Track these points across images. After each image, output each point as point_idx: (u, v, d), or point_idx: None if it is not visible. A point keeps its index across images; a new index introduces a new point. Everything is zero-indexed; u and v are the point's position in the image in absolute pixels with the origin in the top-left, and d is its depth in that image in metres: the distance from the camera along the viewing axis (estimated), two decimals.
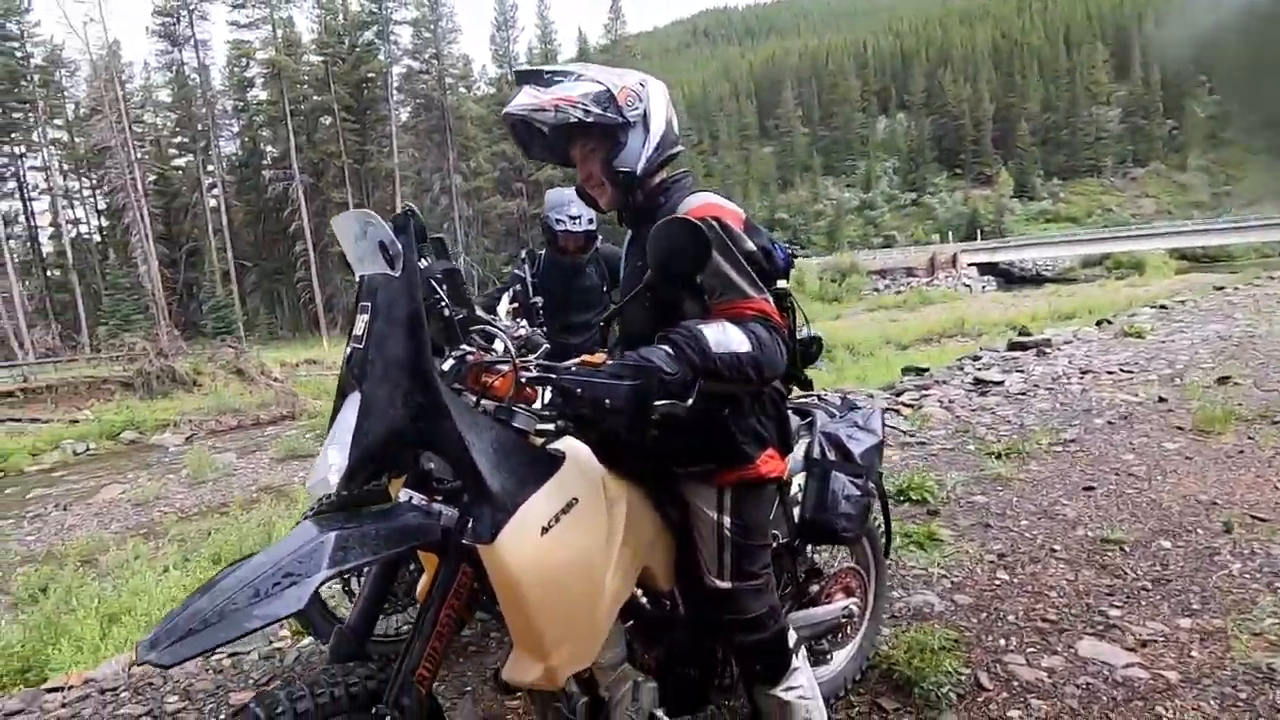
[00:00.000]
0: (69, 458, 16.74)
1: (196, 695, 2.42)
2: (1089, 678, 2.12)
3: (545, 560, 1.21)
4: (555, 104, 1.37)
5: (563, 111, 1.36)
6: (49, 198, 43.38)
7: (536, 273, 3.17)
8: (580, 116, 1.37)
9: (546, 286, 3.18)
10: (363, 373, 1.20)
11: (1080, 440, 4.76)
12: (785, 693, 1.56)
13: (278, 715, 1.08)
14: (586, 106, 1.37)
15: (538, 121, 1.38)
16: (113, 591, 5.92)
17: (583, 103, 1.37)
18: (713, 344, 1.25)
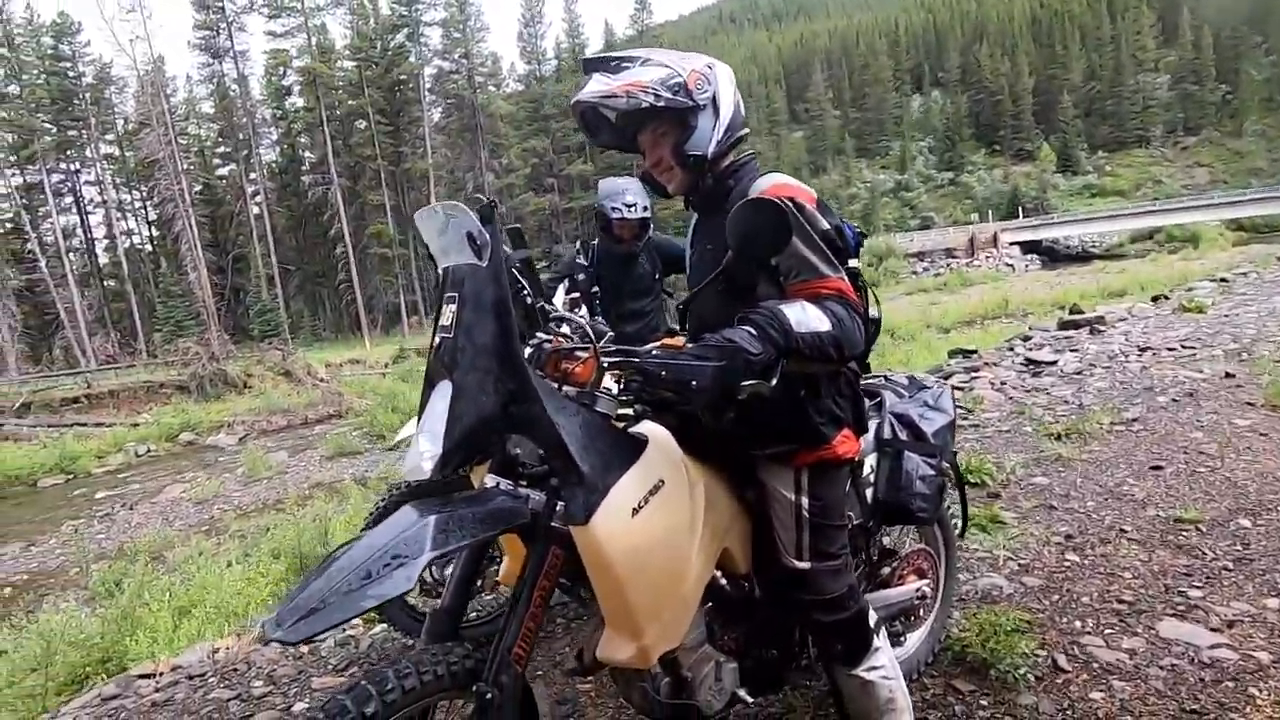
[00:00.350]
0: (132, 459, 17.47)
1: (280, 680, 2.52)
2: (1173, 659, 2.07)
3: (637, 540, 1.23)
4: (626, 90, 1.37)
5: (634, 97, 1.37)
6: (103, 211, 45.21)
7: (592, 262, 3.21)
8: (651, 101, 1.37)
9: (600, 275, 3.21)
10: (453, 361, 1.23)
11: (1144, 419, 4.61)
12: (867, 673, 1.56)
13: (387, 691, 1.12)
14: (657, 91, 1.38)
15: (608, 108, 1.39)
16: (181, 586, 6.18)
17: (653, 87, 1.38)
18: (794, 323, 1.25)
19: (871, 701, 1.57)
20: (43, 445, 17.76)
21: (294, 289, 46.89)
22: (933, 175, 71.00)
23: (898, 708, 1.59)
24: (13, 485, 15.67)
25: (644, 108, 1.37)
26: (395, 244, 41.32)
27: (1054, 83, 71.59)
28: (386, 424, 15.21)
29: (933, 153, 73.82)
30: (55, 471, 16.21)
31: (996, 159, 70.79)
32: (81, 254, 44.31)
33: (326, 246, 45.37)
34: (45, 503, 14.31)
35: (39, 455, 16.75)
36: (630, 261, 3.27)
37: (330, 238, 43.51)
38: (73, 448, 17.23)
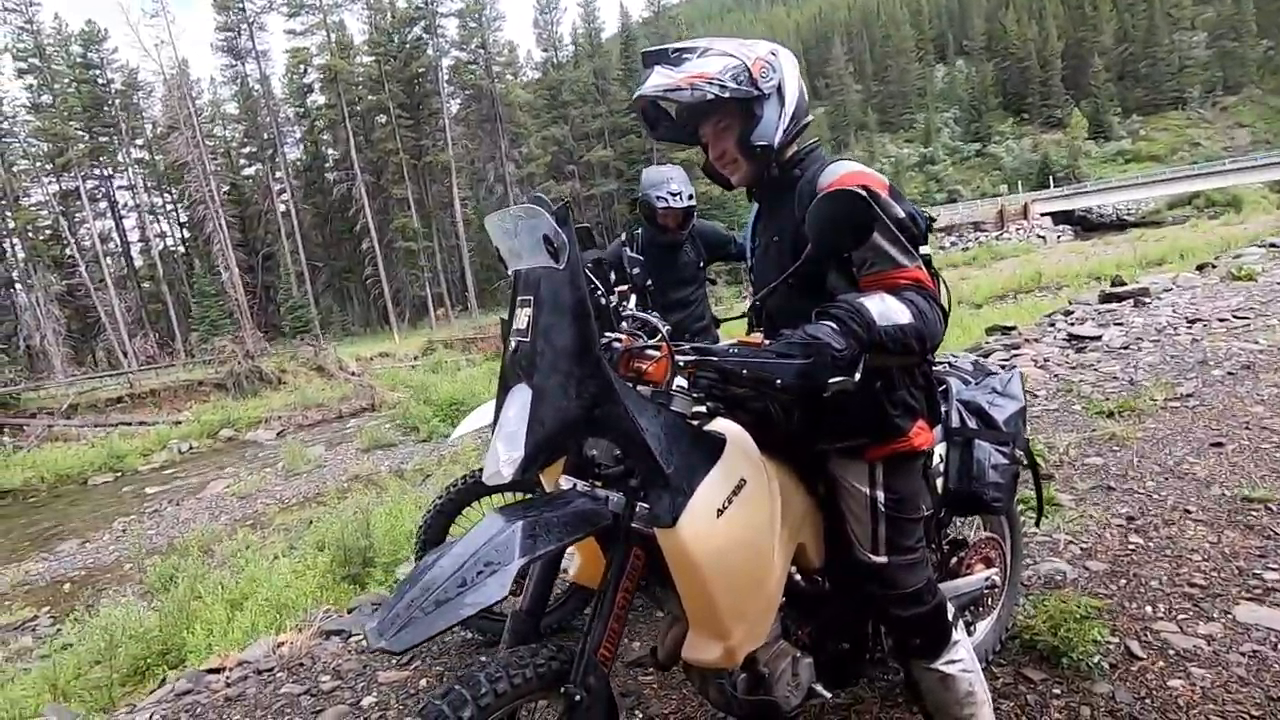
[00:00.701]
0: (175, 456, 17.98)
1: (346, 674, 2.57)
2: (1254, 644, 2.01)
3: (722, 542, 1.23)
4: (690, 82, 1.34)
5: (698, 89, 1.34)
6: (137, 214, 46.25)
7: (640, 251, 3.19)
8: (717, 92, 1.34)
9: (645, 263, 3.19)
10: (531, 365, 1.22)
11: (1199, 394, 4.48)
12: (947, 666, 1.54)
13: (481, 695, 1.13)
14: (722, 82, 1.35)
15: (673, 101, 1.36)
16: (231, 579, 6.36)
17: (718, 78, 1.35)
18: (877, 316, 1.22)
19: (951, 695, 1.55)
20: (91, 445, 18.37)
21: (322, 285, 47.58)
22: (959, 147, 69.35)
23: (977, 700, 1.57)
24: (65, 484, 16.24)
25: (709, 99, 1.34)
26: (420, 237, 41.62)
27: (1084, 46, 69.25)
28: (419, 416, 15.43)
29: (958, 124, 72.03)
30: (104, 470, 16.76)
31: (1025, 128, 68.86)
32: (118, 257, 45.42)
33: (352, 242, 45.92)
34: (96, 500, 14.81)
35: (88, 454, 17.32)
36: (674, 250, 3.25)
37: (356, 233, 44.03)
38: (119, 446, 17.79)
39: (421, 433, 14.77)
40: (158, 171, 45.90)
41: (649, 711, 2.12)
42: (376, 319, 45.47)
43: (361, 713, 2.31)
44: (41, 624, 7.76)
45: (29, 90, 39.51)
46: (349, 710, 2.33)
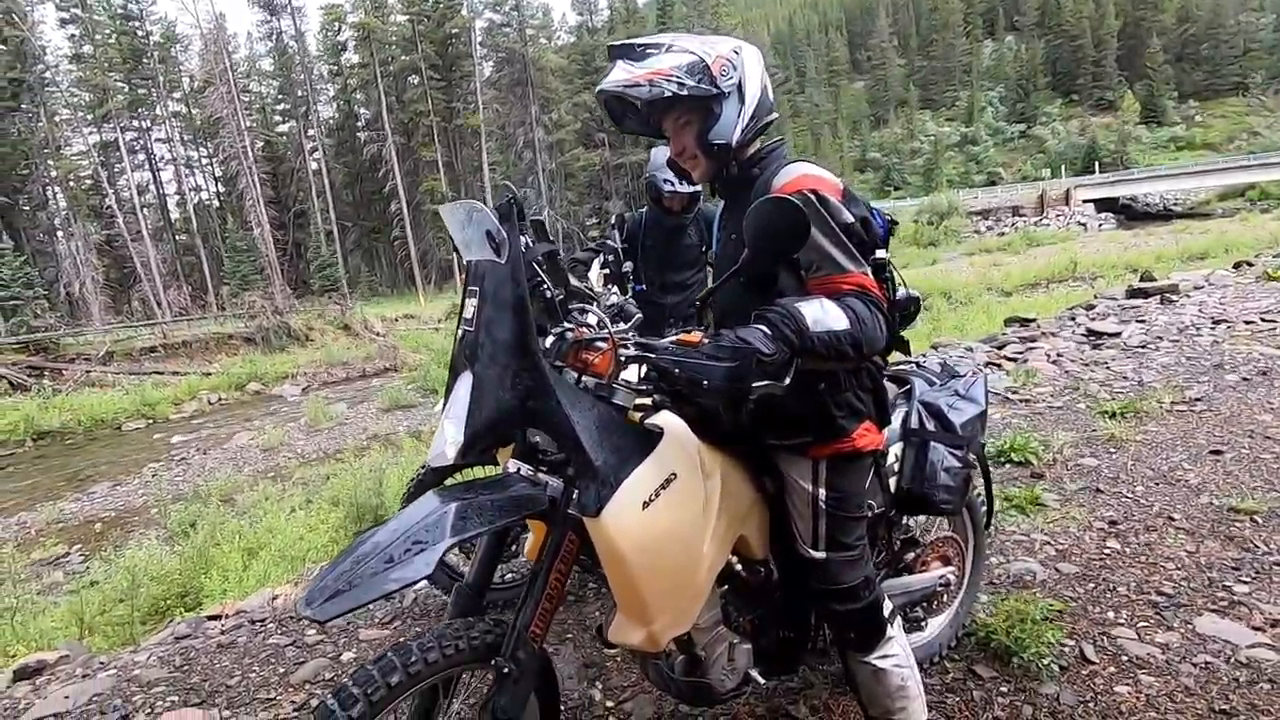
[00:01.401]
0: (204, 407, 18.53)
1: (331, 630, 2.70)
2: (1208, 656, 2.02)
3: (647, 533, 1.27)
4: (649, 79, 1.36)
5: (656, 86, 1.35)
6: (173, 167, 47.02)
7: (627, 237, 3.21)
8: (674, 90, 1.35)
9: (648, 244, 3.21)
10: (474, 354, 1.27)
11: (1208, 398, 4.40)
12: (880, 660, 1.58)
13: (411, 663, 1.20)
14: (680, 79, 1.36)
15: (631, 97, 1.38)
16: (250, 528, 6.61)
17: (676, 75, 1.36)
18: (810, 322, 1.24)
19: (882, 688, 1.60)
20: (125, 391, 18.99)
21: (351, 244, 48.12)
22: (1002, 128, 67.21)
23: (909, 695, 1.61)
24: (101, 428, 16.86)
25: (666, 96, 1.36)
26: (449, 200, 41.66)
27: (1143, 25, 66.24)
28: (439, 379, 15.68)
29: (1003, 103, 69.71)
30: (137, 416, 17.37)
31: (1073, 109, 66.44)
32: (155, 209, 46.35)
33: (381, 203, 46.23)
34: (129, 445, 15.37)
35: (122, 401, 17.93)
36: (678, 233, 3.25)
37: (385, 194, 44.29)
38: (151, 395, 18.38)
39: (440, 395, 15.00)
40: (194, 125, 46.51)
41: (610, 683, 2.21)
42: (403, 280, 45.95)
43: (340, 667, 2.43)
44: (72, 560, 8.16)
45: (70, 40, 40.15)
46: (329, 664, 2.46)
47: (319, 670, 2.41)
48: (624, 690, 2.16)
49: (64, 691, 2.45)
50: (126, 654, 2.83)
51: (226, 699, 2.30)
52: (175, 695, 2.34)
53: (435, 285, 42.79)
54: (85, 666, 2.77)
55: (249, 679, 2.41)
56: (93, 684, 2.46)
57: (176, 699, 2.32)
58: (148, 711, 2.26)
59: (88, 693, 2.40)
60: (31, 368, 20.26)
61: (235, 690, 2.34)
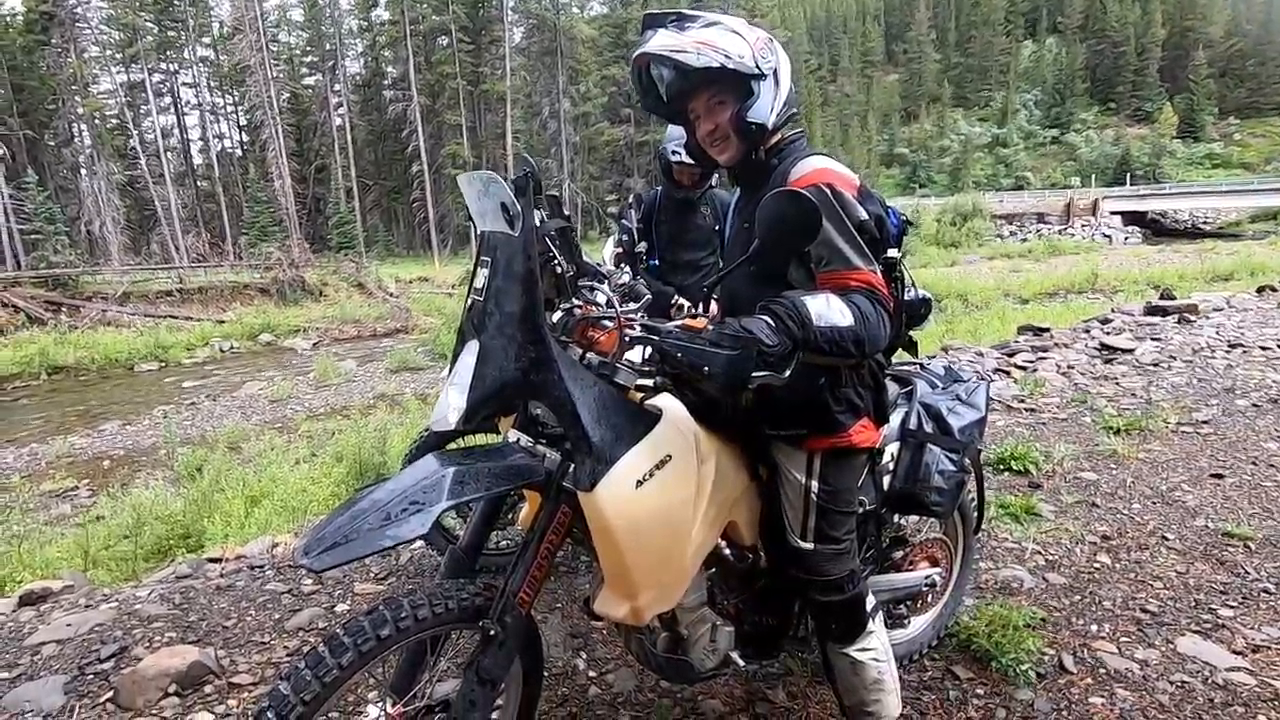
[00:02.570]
0: (216, 354, 18.73)
1: (327, 581, 2.76)
2: (1186, 676, 2.04)
3: (637, 511, 1.30)
4: (698, 46, 1.35)
5: (704, 55, 1.34)
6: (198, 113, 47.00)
7: (643, 216, 3.20)
8: (722, 61, 1.35)
9: (660, 220, 3.20)
10: (481, 324, 1.29)
11: (1215, 422, 4.37)
12: (859, 653, 1.61)
13: (401, 619, 1.24)
14: (727, 52, 1.36)
15: (677, 63, 1.36)
16: (254, 476, 6.72)
17: (724, 48, 1.36)
18: (814, 317, 1.25)
19: (859, 680, 1.63)
20: (140, 333, 19.22)
21: (370, 203, 48.10)
22: (1035, 132, 65.99)
23: (885, 688, 1.64)
24: (114, 367, 17.09)
25: (714, 67, 1.35)
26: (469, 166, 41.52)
27: (1188, 37, 64.54)
28: (448, 344, 15.72)
29: (1038, 107, 68.36)
30: (150, 359, 17.58)
31: (1109, 118, 65.12)
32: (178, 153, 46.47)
33: (403, 163, 46.11)
34: (140, 386, 15.58)
35: (136, 342, 18.15)
36: (689, 209, 3.24)
37: (407, 155, 44.15)
38: (165, 338, 18.61)
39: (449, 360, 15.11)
40: (221, 72, 46.38)
41: (594, 654, 2.26)
42: (419, 243, 45.96)
43: (334, 617, 2.50)
44: (80, 495, 8.34)
45: None
46: (323, 613, 2.52)
47: (313, 619, 2.47)
48: (608, 662, 2.21)
49: (66, 620, 2.52)
50: (128, 589, 2.91)
51: (222, 639, 2.36)
52: (173, 632, 2.41)
53: (451, 250, 42.78)
54: (88, 597, 2.85)
55: (245, 622, 2.47)
56: (95, 614, 2.54)
57: (174, 635, 2.39)
58: (146, 645, 2.33)
59: (89, 622, 2.47)
60: (49, 303, 20.50)
61: (231, 631, 2.41)
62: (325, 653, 1.17)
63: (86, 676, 2.16)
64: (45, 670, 2.21)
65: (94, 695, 2.07)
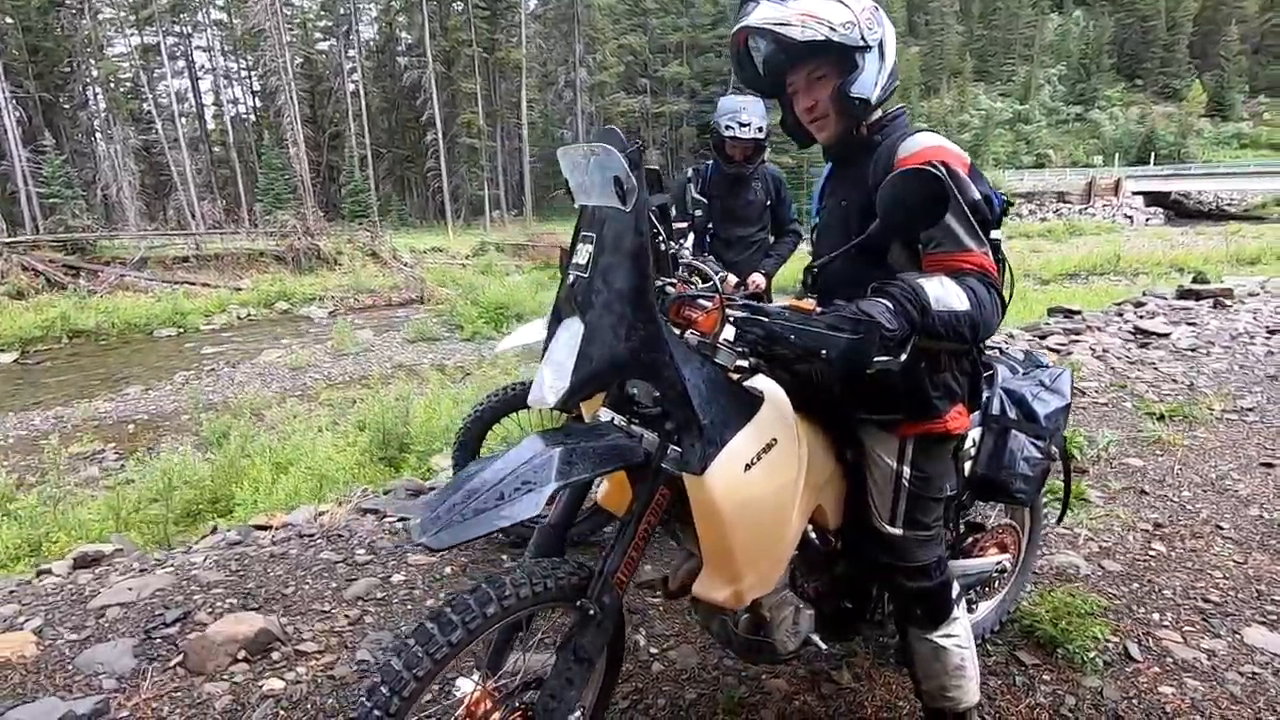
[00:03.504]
0: (233, 321, 18.84)
1: (380, 551, 2.78)
2: (1255, 667, 2.03)
3: (745, 495, 1.28)
4: (802, 18, 1.29)
5: (810, 28, 1.29)
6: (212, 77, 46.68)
7: (702, 189, 3.15)
8: (827, 34, 1.29)
9: (712, 195, 3.15)
10: (586, 301, 1.26)
11: (1261, 410, 4.31)
12: (943, 639, 1.60)
13: (505, 597, 1.23)
14: (832, 23, 1.30)
15: (782, 36, 1.31)
16: (279, 444, 6.79)
17: (828, 19, 1.30)
18: (933, 300, 1.21)
19: (942, 665, 1.62)
20: (157, 299, 19.32)
21: (384, 172, 47.84)
22: (1058, 108, 64.55)
23: (966, 675, 1.63)
24: (133, 332, 17.22)
25: (819, 40, 1.30)
26: (484, 135, 41.18)
27: (1221, 11, 62.63)
28: (465, 315, 15.77)
29: (1062, 83, 66.77)
30: (168, 324, 17.70)
31: (1135, 95, 63.54)
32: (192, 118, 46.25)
33: (417, 132, 45.70)
34: (160, 351, 15.72)
35: (155, 308, 18.26)
36: (741, 184, 3.19)
37: (421, 123, 43.73)
38: (183, 304, 18.70)
39: (465, 332, 15.14)
40: (234, 36, 45.90)
41: (653, 630, 2.27)
42: (433, 213, 45.78)
43: (390, 588, 2.52)
44: (108, 458, 8.46)
45: None
46: (379, 583, 2.54)
47: (370, 589, 2.49)
48: (667, 639, 2.22)
49: (126, 584, 2.55)
50: (180, 554, 2.94)
51: (283, 607, 2.39)
52: (233, 598, 2.44)
53: (464, 221, 42.60)
54: (141, 561, 2.89)
55: (303, 590, 2.50)
56: (153, 579, 2.57)
57: (234, 602, 2.41)
58: (209, 610, 2.35)
59: (150, 587, 2.50)
60: (68, 267, 20.61)
61: (291, 600, 2.43)
62: (435, 630, 1.17)
63: (154, 640, 2.19)
64: (113, 633, 2.24)
65: (164, 659, 2.10)
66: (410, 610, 2.37)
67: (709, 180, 3.23)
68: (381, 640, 2.19)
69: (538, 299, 16.80)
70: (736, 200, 3.20)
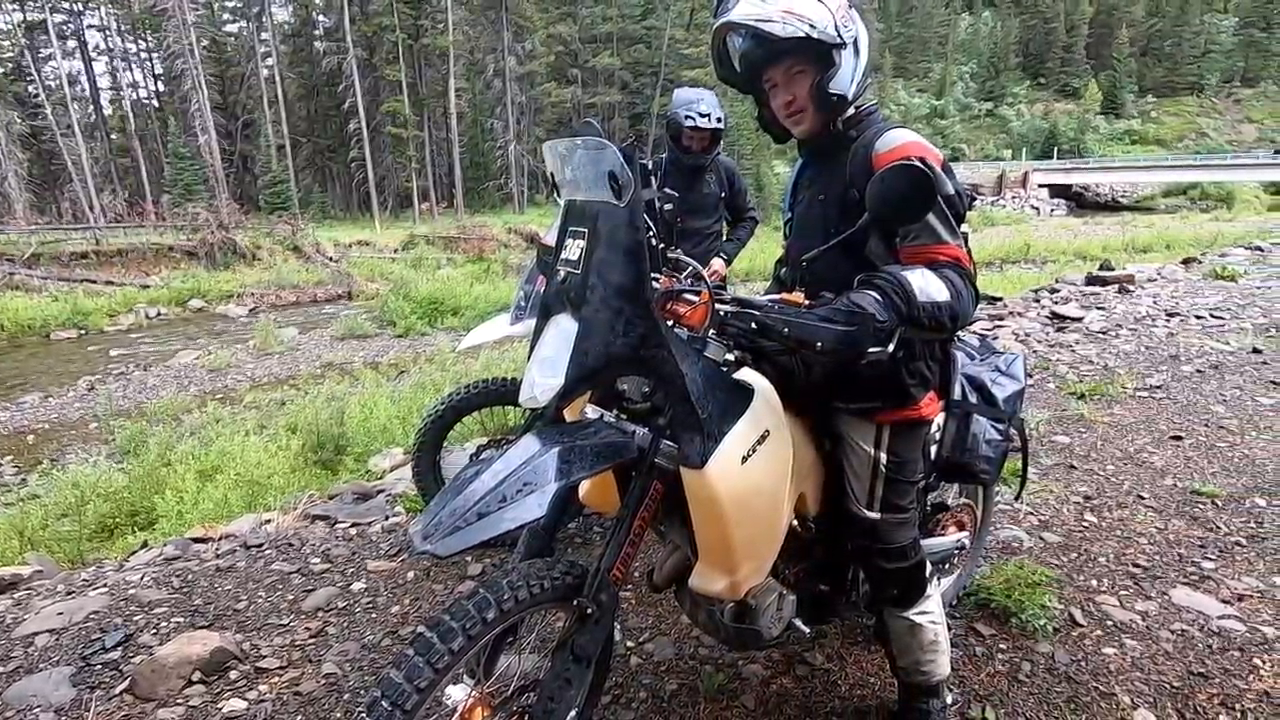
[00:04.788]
0: (142, 321, 17.62)
1: (336, 559, 2.67)
2: (1183, 625, 2.20)
3: (744, 487, 1.29)
4: (783, 15, 1.31)
5: (790, 24, 1.31)
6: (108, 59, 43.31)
7: (663, 173, 3.16)
8: (807, 30, 1.31)
9: (668, 188, 3.17)
10: (580, 298, 1.24)
11: (1167, 387, 4.67)
12: (918, 616, 1.67)
13: (504, 601, 1.21)
14: (812, 20, 1.32)
15: (762, 31, 1.32)
16: (202, 450, 6.42)
17: (809, 16, 1.32)
18: (918, 292, 1.25)
19: (916, 641, 1.69)
20: (54, 298, 17.86)
21: (303, 162, 45.62)
22: (970, 104, 67.88)
23: (939, 649, 1.71)
24: (26, 335, 15.89)
25: (800, 36, 1.32)
26: (410, 124, 39.79)
27: (1114, 15, 67.30)
28: (396, 311, 15.30)
29: (974, 80, 70.23)
30: (67, 325, 16.41)
31: (1039, 93, 67.55)
32: (85, 103, 42.80)
33: (339, 120, 43.72)
34: (59, 355, 14.56)
35: (51, 308, 16.89)
36: (697, 175, 3.22)
37: (343, 111, 41.83)
38: (84, 304, 17.37)
39: (399, 328, 14.69)
40: (132, 15, 42.72)
41: (627, 624, 2.27)
42: (357, 205, 44.03)
43: (351, 596, 2.42)
44: (5, 472, 7.79)
45: None
46: (339, 593, 2.44)
47: (330, 598, 2.40)
48: (642, 632, 2.22)
49: (55, 608, 2.37)
50: (113, 573, 2.75)
51: (236, 623, 2.27)
52: (180, 617, 2.29)
53: (392, 213, 41.17)
54: (67, 584, 2.68)
55: (257, 604, 2.38)
56: (87, 601, 2.39)
57: (182, 620, 2.27)
58: (153, 631, 2.21)
59: (83, 610, 2.33)
60: None
61: (245, 615, 2.31)
62: (434, 638, 1.14)
63: (94, 667, 2.04)
64: (45, 662, 2.07)
65: (107, 686, 1.96)
66: (375, 619, 2.29)
67: (664, 174, 3.24)
68: (348, 652, 2.11)
69: (473, 293, 16.46)
70: (693, 192, 3.23)
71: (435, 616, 1.17)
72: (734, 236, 3.46)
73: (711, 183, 3.24)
